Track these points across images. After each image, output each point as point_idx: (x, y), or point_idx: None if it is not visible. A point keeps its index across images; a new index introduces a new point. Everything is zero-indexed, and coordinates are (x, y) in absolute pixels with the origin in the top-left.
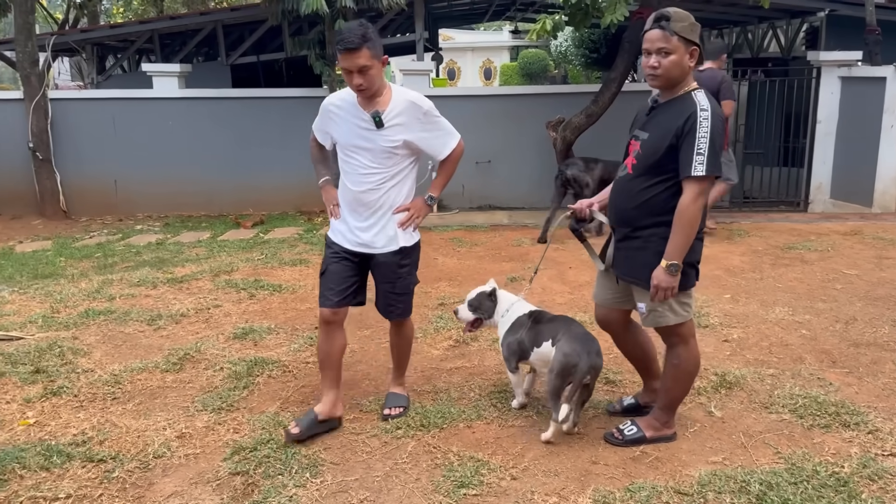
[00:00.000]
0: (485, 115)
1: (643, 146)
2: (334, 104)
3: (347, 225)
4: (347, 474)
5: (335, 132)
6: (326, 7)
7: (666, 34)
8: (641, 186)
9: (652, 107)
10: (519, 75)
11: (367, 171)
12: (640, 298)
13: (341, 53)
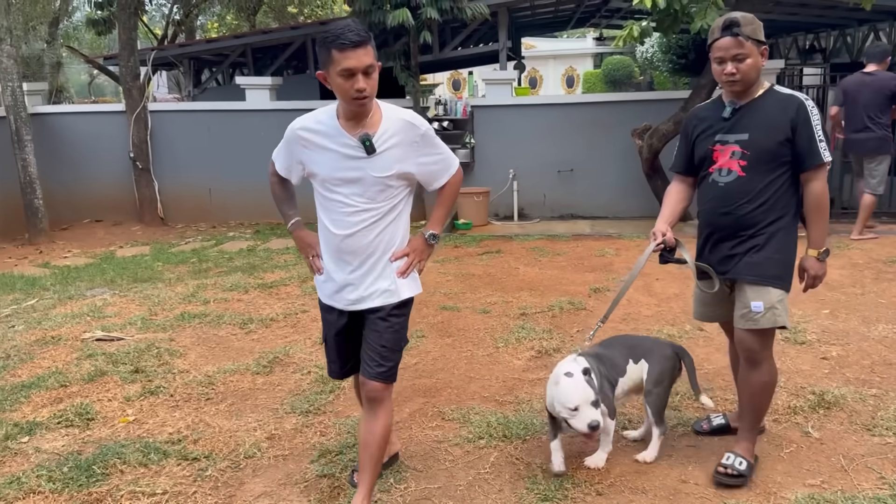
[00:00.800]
0: (568, 123)
1: (748, 146)
2: (307, 129)
3: (334, 281)
4: (430, 482)
5: (312, 163)
6: (412, 19)
7: (739, 40)
8: (761, 185)
9: (734, 109)
10: (603, 82)
11: (356, 210)
12: (757, 297)
13: (342, 50)
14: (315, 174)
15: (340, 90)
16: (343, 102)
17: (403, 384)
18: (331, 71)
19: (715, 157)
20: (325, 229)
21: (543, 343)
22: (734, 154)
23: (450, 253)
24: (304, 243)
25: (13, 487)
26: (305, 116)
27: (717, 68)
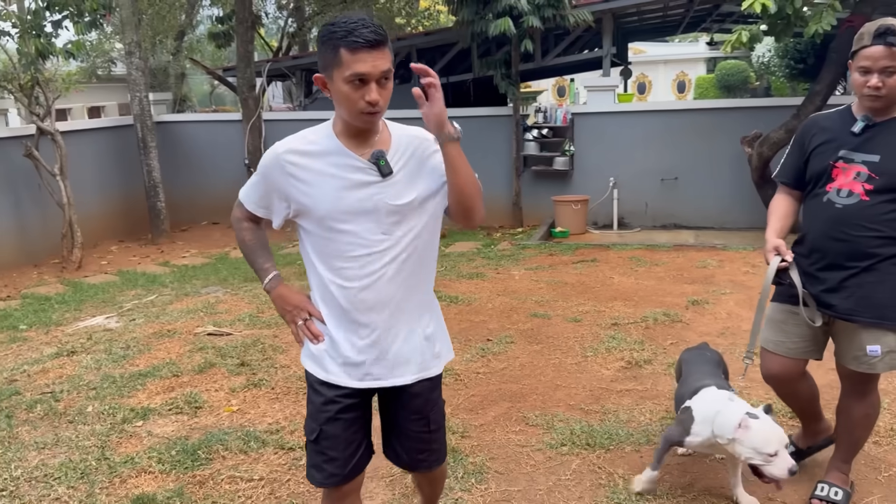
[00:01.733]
0: (672, 130)
1: (877, 169)
2: (296, 151)
3: (338, 350)
4: (511, 485)
5: (305, 196)
6: (514, 28)
7: (893, 51)
8: (884, 213)
9: (866, 126)
10: (716, 88)
11: (374, 250)
12: (874, 341)
13: (354, 50)
14: (309, 211)
15: (346, 101)
16: (346, 116)
17: (490, 388)
18: (335, 75)
19: (834, 175)
20: (325, 284)
21: (634, 354)
22: (859, 175)
23: (544, 261)
24: (288, 304)
25: (127, 466)
26: (289, 138)
27: (860, 79)
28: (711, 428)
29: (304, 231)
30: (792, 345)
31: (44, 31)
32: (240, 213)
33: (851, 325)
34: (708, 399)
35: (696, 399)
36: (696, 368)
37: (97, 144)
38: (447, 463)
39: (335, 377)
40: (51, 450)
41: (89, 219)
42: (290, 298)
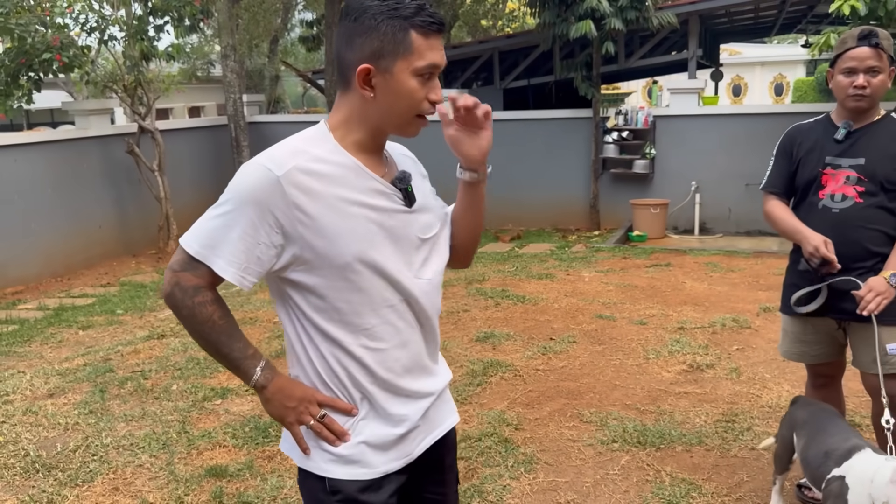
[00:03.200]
0: (758, 133)
1: (864, 172)
2: (303, 171)
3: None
4: (559, 475)
5: (318, 238)
6: (595, 30)
7: (879, 52)
8: (877, 215)
9: (849, 132)
10: (815, 91)
11: (406, 298)
12: (892, 338)
13: (427, 34)
14: (323, 258)
15: (408, 100)
16: (393, 123)
17: (547, 384)
18: (399, 65)
19: (824, 182)
20: (346, 354)
21: (697, 358)
22: (849, 179)
23: (616, 264)
24: (293, 399)
25: (204, 440)
26: (282, 153)
27: (845, 80)
28: (868, 493)
29: (299, 290)
30: (815, 352)
31: (147, 35)
32: (197, 280)
33: (866, 326)
34: (864, 464)
35: (846, 466)
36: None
37: (193, 143)
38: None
39: (386, 465)
40: (137, 422)
41: (184, 212)
42: (293, 391)
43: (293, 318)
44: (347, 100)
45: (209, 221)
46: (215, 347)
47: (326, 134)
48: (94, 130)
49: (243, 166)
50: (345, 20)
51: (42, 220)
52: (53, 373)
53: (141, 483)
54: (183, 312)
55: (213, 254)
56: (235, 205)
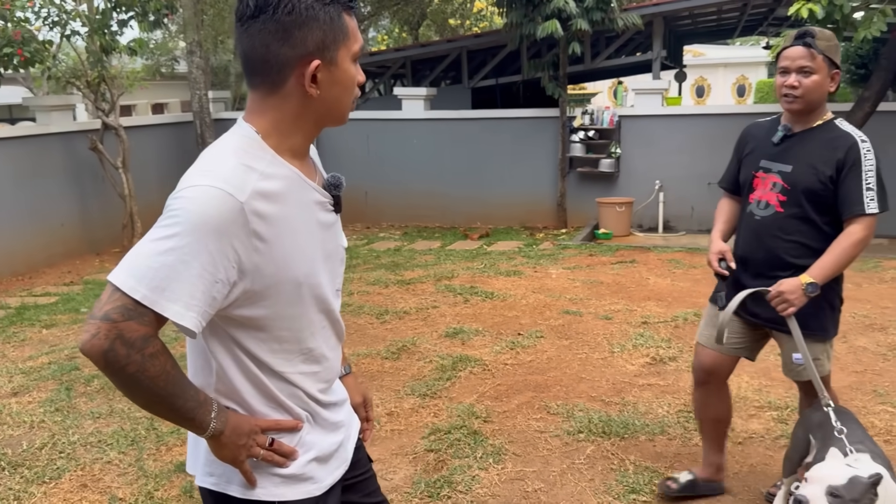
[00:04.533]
0: (720, 133)
1: (789, 180)
2: (264, 194)
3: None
4: (527, 465)
5: (271, 265)
6: (562, 31)
7: (811, 52)
8: (796, 225)
9: (785, 135)
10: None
11: (335, 313)
12: (798, 349)
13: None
14: (275, 285)
15: (349, 90)
16: (336, 117)
17: (515, 378)
18: (342, 54)
19: (755, 185)
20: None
21: (660, 351)
22: (774, 186)
23: (583, 261)
24: (244, 434)
25: (173, 436)
26: (232, 172)
27: (779, 80)
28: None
29: (237, 325)
30: (726, 341)
31: (110, 29)
32: (144, 329)
33: (781, 334)
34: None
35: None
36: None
37: (158, 139)
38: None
39: (331, 475)
40: (105, 419)
41: (149, 210)
42: (242, 426)
43: (227, 349)
44: (277, 101)
45: (156, 257)
46: (168, 402)
47: (260, 143)
48: (56, 127)
49: (192, 189)
50: (269, 13)
51: (2, 218)
52: (17, 371)
53: (110, 479)
54: (128, 370)
55: (163, 297)
56: (192, 237)
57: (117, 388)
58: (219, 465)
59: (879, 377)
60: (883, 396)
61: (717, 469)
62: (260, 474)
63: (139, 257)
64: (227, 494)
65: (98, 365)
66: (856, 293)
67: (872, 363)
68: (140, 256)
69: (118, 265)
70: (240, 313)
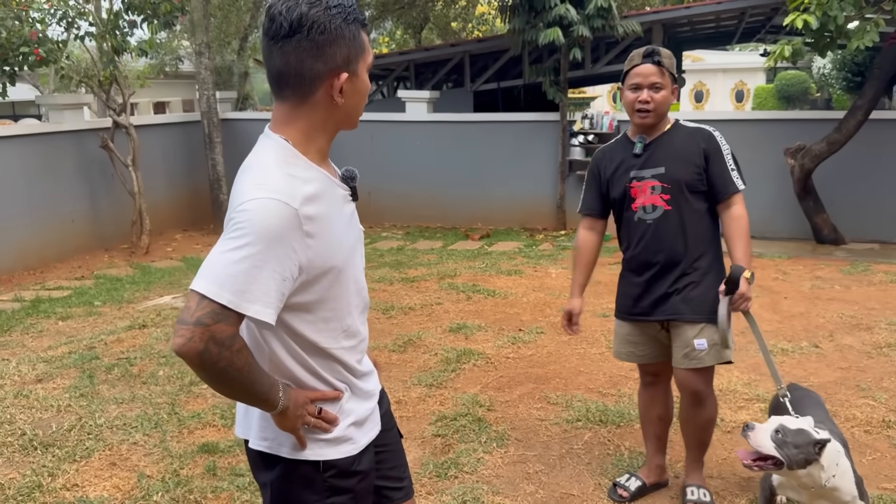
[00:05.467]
0: None
1: (666, 179)
2: (308, 199)
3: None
4: (528, 450)
5: (320, 258)
6: (563, 37)
7: (661, 69)
8: (687, 218)
9: (644, 146)
10: (775, 98)
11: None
12: (700, 335)
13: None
14: (324, 273)
15: (363, 97)
16: (350, 121)
17: (517, 371)
18: (361, 66)
19: (634, 195)
20: (330, 357)
21: None
22: (654, 189)
23: None
24: (300, 402)
25: (194, 420)
26: (281, 182)
27: (632, 95)
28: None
29: (289, 309)
30: (641, 352)
31: (121, 31)
32: (231, 329)
33: (680, 325)
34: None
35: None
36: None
37: (166, 138)
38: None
39: (366, 436)
40: (128, 404)
41: (157, 208)
42: (299, 399)
43: (278, 333)
44: (306, 110)
45: (233, 265)
46: (248, 388)
47: (293, 151)
48: (67, 125)
49: (254, 201)
50: (303, 34)
51: (15, 214)
52: (39, 360)
53: (137, 458)
54: (220, 365)
55: (245, 300)
56: (261, 245)
57: (205, 382)
58: (271, 430)
59: (863, 373)
60: (865, 391)
61: (662, 471)
62: (307, 437)
63: (218, 266)
64: (278, 455)
65: (192, 364)
66: (844, 294)
67: (857, 360)
68: (219, 265)
69: (198, 275)
70: (294, 300)
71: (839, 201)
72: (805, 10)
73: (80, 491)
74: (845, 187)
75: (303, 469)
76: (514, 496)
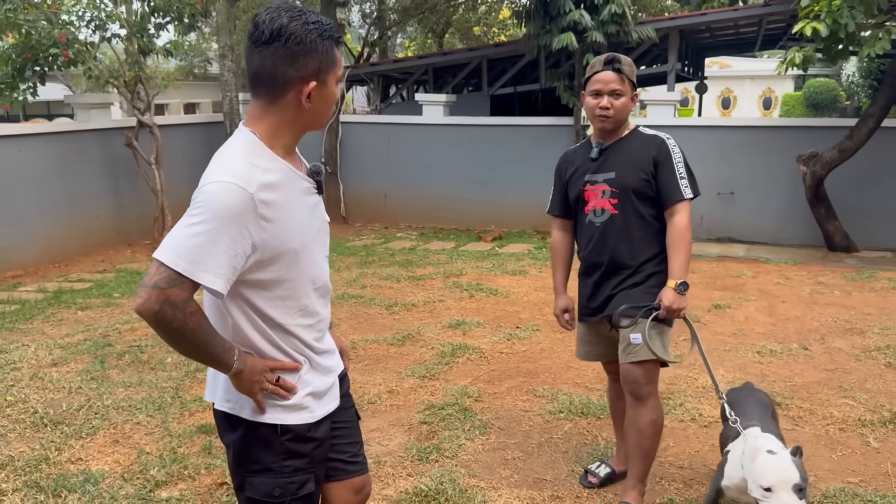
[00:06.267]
0: (730, 145)
1: (615, 184)
2: (266, 185)
3: (328, 375)
4: (509, 438)
5: (275, 240)
6: (576, 43)
7: (621, 76)
8: (633, 223)
9: (600, 150)
10: (803, 106)
11: (326, 273)
12: (635, 330)
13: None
14: (279, 255)
15: (330, 104)
16: (318, 123)
17: (509, 365)
18: (330, 78)
19: (587, 198)
20: (288, 333)
21: None
22: (604, 193)
23: None
24: (257, 371)
25: (196, 404)
26: (240, 169)
27: (592, 102)
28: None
29: (249, 286)
30: (597, 352)
31: (147, 33)
32: (185, 293)
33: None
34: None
35: (737, 441)
36: (745, 409)
37: (189, 138)
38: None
39: (323, 409)
40: (135, 388)
41: (179, 205)
42: (255, 366)
43: (239, 306)
44: (276, 109)
45: (190, 238)
46: (202, 349)
47: (259, 144)
48: (94, 123)
49: (213, 185)
50: (280, 42)
51: (42, 208)
52: (56, 346)
53: (138, 437)
54: (174, 325)
55: (198, 269)
56: (217, 222)
57: (164, 340)
58: (234, 393)
59: (848, 375)
60: (847, 391)
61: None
62: (266, 403)
63: (177, 238)
64: (239, 417)
65: (150, 322)
66: (843, 300)
67: (844, 362)
68: (178, 238)
69: (160, 246)
70: (251, 277)
71: (851, 209)
72: (816, 17)
73: (83, 464)
74: (857, 195)
75: (262, 431)
76: (490, 479)
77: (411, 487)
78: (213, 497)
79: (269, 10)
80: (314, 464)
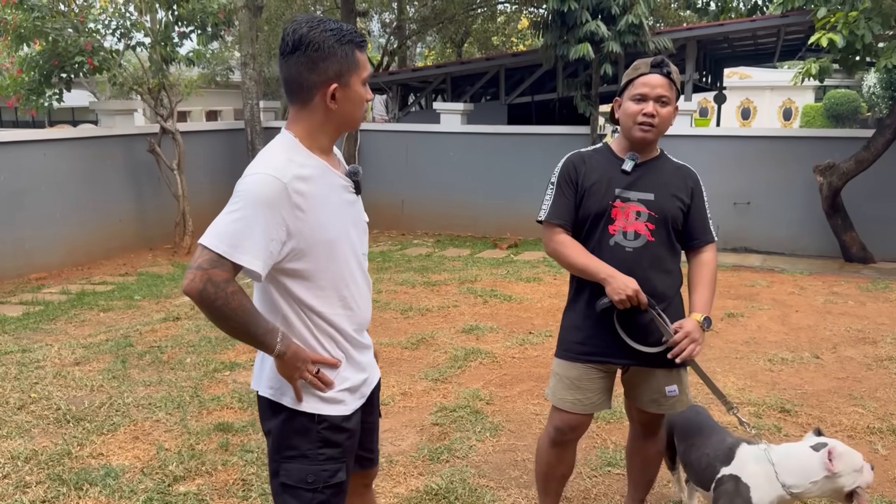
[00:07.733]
0: (747, 155)
1: (654, 208)
2: (300, 177)
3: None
4: (519, 440)
5: (310, 229)
6: (593, 53)
7: (670, 82)
8: (666, 253)
9: (637, 164)
10: (823, 117)
11: (364, 269)
12: (670, 381)
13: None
14: (316, 243)
15: (359, 106)
16: (349, 125)
17: (521, 369)
18: (354, 79)
19: (613, 215)
20: (326, 321)
21: None
22: (640, 215)
23: None
24: (300, 359)
25: (214, 402)
26: (277, 163)
27: (635, 107)
28: (779, 484)
29: (290, 275)
30: (588, 401)
31: (171, 41)
32: (226, 274)
33: (645, 369)
34: (752, 459)
35: (736, 465)
36: (701, 429)
37: (211, 144)
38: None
39: (355, 403)
40: (155, 387)
41: (200, 210)
42: (300, 354)
43: (285, 297)
44: (307, 113)
45: (231, 224)
46: (245, 328)
47: (298, 144)
48: (118, 129)
49: (251, 176)
50: (301, 51)
51: (66, 212)
52: (78, 346)
53: (158, 434)
54: (217, 303)
55: (238, 251)
56: (253, 209)
57: (210, 320)
58: (278, 381)
59: (859, 384)
60: (857, 400)
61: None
62: (305, 394)
63: (219, 225)
64: (280, 403)
65: (195, 300)
66: (857, 310)
67: (856, 371)
68: (220, 224)
69: (205, 232)
70: (291, 266)
71: (869, 220)
72: (832, 28)
73: (104, 459)
74: (875, 206)
75: (300, 419)
76: (500, 479)
77: (422, 486)
78: (230, 492)
79: (293, 23)
80: (346, 453)
